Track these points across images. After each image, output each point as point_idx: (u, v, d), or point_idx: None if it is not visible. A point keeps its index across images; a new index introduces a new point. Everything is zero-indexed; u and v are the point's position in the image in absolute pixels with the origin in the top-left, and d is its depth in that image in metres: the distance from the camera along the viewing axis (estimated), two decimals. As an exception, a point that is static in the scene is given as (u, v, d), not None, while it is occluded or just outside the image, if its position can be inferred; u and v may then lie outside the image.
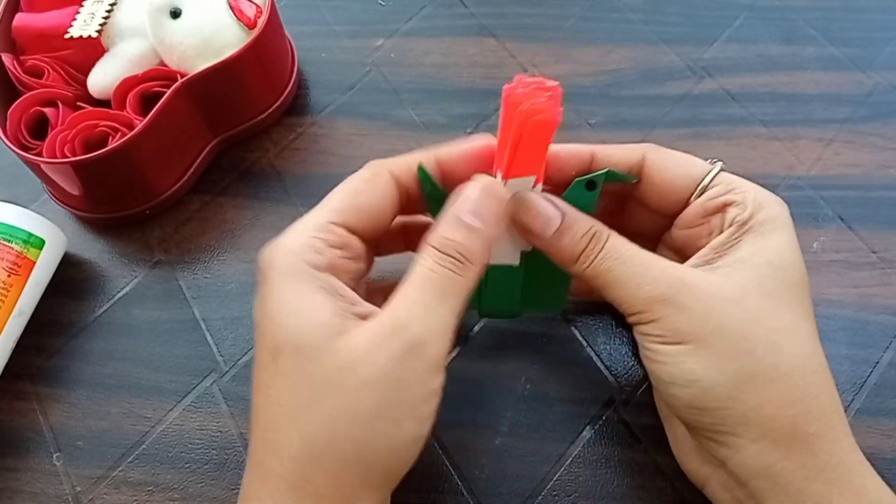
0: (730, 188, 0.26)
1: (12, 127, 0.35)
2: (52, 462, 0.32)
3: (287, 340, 0.23)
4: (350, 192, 0.26)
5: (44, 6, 0.39)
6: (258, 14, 0.37)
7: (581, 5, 0.45)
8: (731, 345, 0.23)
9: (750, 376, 0.23)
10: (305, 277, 0.24)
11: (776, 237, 0.25)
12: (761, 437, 0.23)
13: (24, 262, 0.34)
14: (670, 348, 0.24)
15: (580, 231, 0.26)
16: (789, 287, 0.24)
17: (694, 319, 0.23)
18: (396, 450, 0.23)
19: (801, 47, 0.42)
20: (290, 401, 0.23)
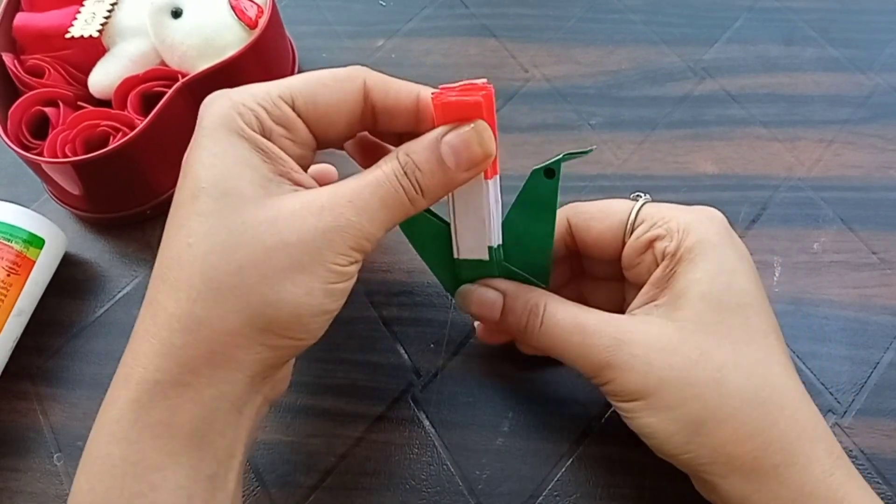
0: (654, 222, 0.27)
1: (13, 126, 0.35)
2: (52, 462, 0.32)
3: (213, 184, 0.22)
4: (313, 80, 0.25)
5: (45, 6, 0.39)
6: (259, 14, 0.37)
7: (582, 6, 0.45)
8: (677, 394, 0.24)
9: (700, 422, 0.23)
10: (242, 134, 0.23)
11: (704, 264, 0.25)
12: (729, 472, 0.23)
13: (24, 261, 0.34)
14: (628, 405, 0.25)
15: (520, 309, 0.27)
16: (728, 314, 0.25)
17: (638, 377, 0.24)
18: (301, 316, 0.22)
19: (802, 48, 0.42)
20: (201, 241, 0.22)
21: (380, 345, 0.34)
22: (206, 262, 0.22)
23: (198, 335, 0.22)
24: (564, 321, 0.26)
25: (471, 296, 0.29)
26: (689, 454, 0.24)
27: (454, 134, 0.24)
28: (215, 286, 0.22)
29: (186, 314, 0.22)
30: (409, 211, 0.24)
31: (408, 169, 0.24)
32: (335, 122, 0.25)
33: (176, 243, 0.23)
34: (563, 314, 0.26)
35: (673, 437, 0.24)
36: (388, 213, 0.24)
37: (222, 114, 0.23)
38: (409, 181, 0.24)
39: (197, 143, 0.24)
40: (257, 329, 0.22)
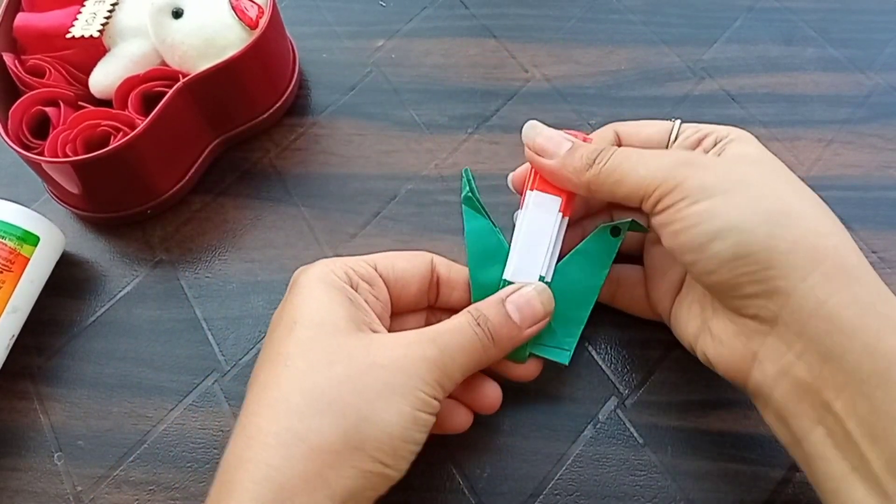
0: (697, 128, 0.29)
1: (14, 126, 0.36)
2: (53, 462, 0.32)
3: (308, 317, 0.24)
4: (392, 254, 0.29)
5: (45, 6, 0.39)
6: (260, 14, 0.38)
7: (581, 6, 0.45)
8: (758, 190, 0.24)
9: (784, 213, 0.23)
10: (335, 285, 0.25)
11: (753, 147, 0.27)
12: (810, 271, 0.22)
13: (18, 258, 0.34)
14: (700, 206, 0.24)
15: (590, 147, 0.28)
16: (782, 167, 0.26)
17: (719, 173, 0.24)
18: (390, 437, 0.23)
19: (801, 48, 0.42)
20: (298, 360, 0.23)
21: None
22: (304, 378, 0.23)
23: (295, 451, 0.22)
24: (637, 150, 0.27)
25: (543, 128, 0.29)
26: (772, 249, 0.23)
27: (517, 294, 0.27)
28: (314, 399, 0.22)
29: (284, 430, 0.22)
30: (483, 360, 0.26)
31: (480, 320, 0.26)
32: (409, 284, 0.29)
33: (272, 367, 0.24)
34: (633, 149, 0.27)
35: (757, 227, 0.23)
36: (465, 357, 0.26)
37: (317, 271, 0.26)
38: (482, 330, 0.26)
39: (291, 294, 0.26)
40: (351, 446, 0.22)
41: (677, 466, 0.30)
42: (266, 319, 0.35)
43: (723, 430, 0.31)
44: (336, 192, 0.39)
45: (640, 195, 0.26)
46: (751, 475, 0.30)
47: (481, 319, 0.26)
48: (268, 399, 0.23)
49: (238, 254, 0.37)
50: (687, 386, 0.32)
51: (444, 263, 0.30)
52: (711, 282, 0.25)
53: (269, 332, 0.26)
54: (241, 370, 0.34)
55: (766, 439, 0.30)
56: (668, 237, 0.25)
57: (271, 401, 0.23)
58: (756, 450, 0.30)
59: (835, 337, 0.22)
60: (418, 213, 0.38)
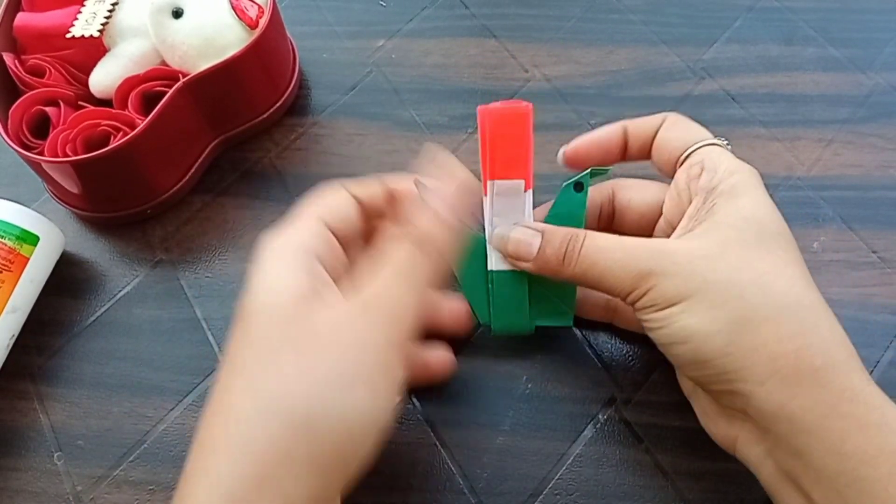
0: (707, 157, 0.28)
1: (14, 126, 0.36)
2: (52, 461, 0.32)
3: (258, 304, 0.23)
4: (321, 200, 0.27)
5: (45, 6, 0.39)
6: (260, 14, 0.38)
7: (581, 6, 0.45)
8: (719, 294, 0.24)
9: (744, 319, 0.23)
10: (290, 257, 0.24)
11: (747, 197, 0.26)
12: (767, 377, 0.23)
13: (17, 258, 0.34)
14: (665, 312, 0.25)
15: (558, 240, 0.27)
16: (769, 237, 0.25)
17: (679, 282, 0.24)
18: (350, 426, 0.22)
19: (801, 48, 0.42)
20: (250, 366, 0.22)
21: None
22: (253, 382, 0.22)
23: (246, 458, 0.21)
24: (605, 243, 0.26)
25: (509, 236, 0.29)
26: (728, 356, 0.23)
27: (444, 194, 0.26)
28: (263, 404, 0.22)
29: (235, 435, 0.22)
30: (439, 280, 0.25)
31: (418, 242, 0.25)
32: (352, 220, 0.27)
33: (230, 369, 0.23)
34: (603, 239, 0.27)
35: (713, 336, 0.23)
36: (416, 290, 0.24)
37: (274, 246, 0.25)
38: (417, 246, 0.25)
39: (252, 271, 0.25)
40: (305, 447, 0.21)
41: (677, 466, 0.30)
42: (266, 319, 0.35)
43: (723, 430, 0.31)
44: (336, 191, 0.39)
45: (617, 294, 0.26)
46: (750, 475, 0.29)
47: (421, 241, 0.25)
48: (221, 406, 0.23)
49: (238, 253, 0.37)
50: (687, 386, 0.32)
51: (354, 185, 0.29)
52: (684, 373, 0.27)
53: (234, 322, 0.24)
54: (241, 370, 0.34)
55: (766, 439, 0.30)
56: (645, 328, 0.26)
57: (224, 407, 0.22)
58: (756, 450, 0.30)
59: (800, 437, 0.23)
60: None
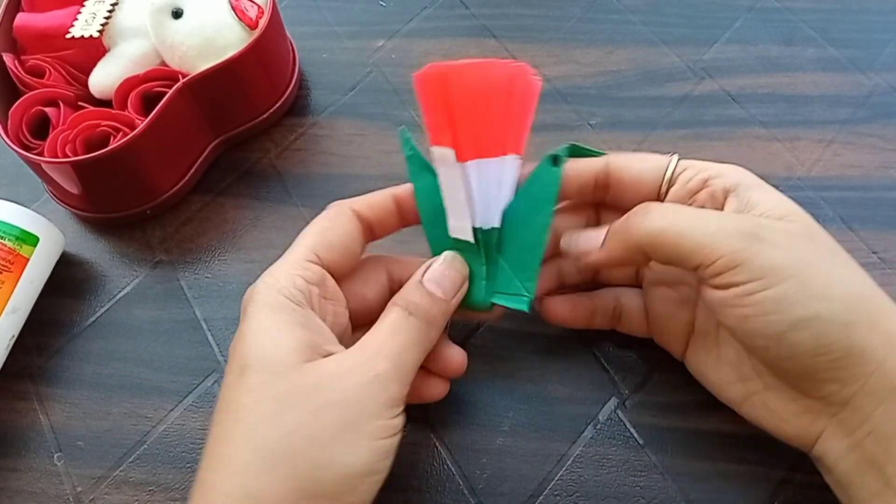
0: (698, 168, 0.27)
1: (14, 126, 0.35)
2: (52, 462, 0.32)
3: (256, 359, 0.24)
4: (318, 231, 0.28)
5: (45, 6, 0.39)
6: (260, 14, 0.38)
7: (581, 6, 0.45)
8: (830, 271, 0.23)
9: (857, 295, 0.23)
10: (283, 309, 0.25)
11: (773, 194, 0.26)
12: (887, 356, 0.22)
13: (17, 258, 0.34)
14: (776, 292, 0.22)
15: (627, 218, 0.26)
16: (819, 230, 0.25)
17: (787, 253, 0.23)
18: (350, 479, 0.23)
19: (801, 49, 0.42)
20: (249, 415, 0.23)
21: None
22: (254, 432, 0.22)
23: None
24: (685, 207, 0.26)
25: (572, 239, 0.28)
26: (849, 338, 0.22)
27: (431, 271, 0.27)
28: (264, 455, 0.22)
29: (238, 488, 0.22)
30: (427, 344, 0.27)
31: (410, 308, 0.26)
32: (350, 250, 0.28)
33: (225, 419, 0.23)
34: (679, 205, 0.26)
35: (836, 315, 0.22)
36: (412, 351, 0.26)
37: (263, 297, 0.25)
38: (415, 317, 0.26)
39: (241, 328, 0.25)
40: (308, 496, 0.22)
41: (677, 467, 0.30)
42: (266, 320, 0.35)
43: (723, 430, 0.31)
44: (336, 192, 0.38)
45: (698, 262, 0.24)
46: (751, 475, 0.30)
47: (411, 307, 0.26)
48: (221, 455, 0.23)
49: (238, 254, 0.37)
50: (687, 386, 0.32)
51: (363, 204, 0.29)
52: (784, 367, 0.24)
53: (226, 371, 0.25)
54: (240, 370, 0.34)
55: (766, 440, 0.30)
56: (734, 319, 0.24)
57: (224, 457, 0.23)
58: (756, 450, 0.30)
59: None
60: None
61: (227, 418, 0.23)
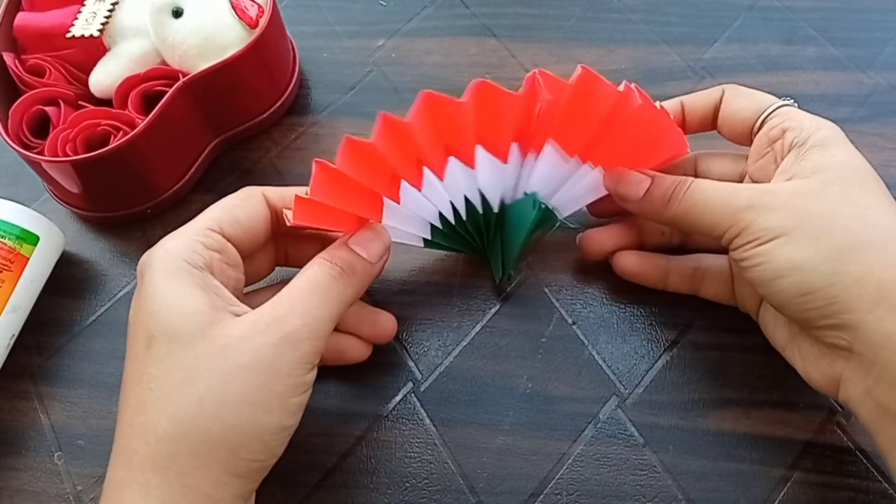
0: (786, 117, 0.28)
1: (14, 126, 0.35)
2: (52, 461, 0.32)
3: (161, 329, 0.24)
4: (227, 206, 0.28)
5: (45, 5, 0.39)
6: (260, 14, 0.38)
7: (582, 5, 0.45)
8: (823, 224, 0.24)
9: (849, 248, 0.24)
10: (182, 273, 0.25)
11: (841, 147, 0.27)
12: (875, 304, 0.23)
13: (17, 257, 0.34)
14: (765, 247, 0.25)
15: (668, 183, 0.28)
16: (867, 179, 0.26)
17: (781, 215, 0.25)
18: (262, 436, 0.24)
19: (802, 47, 0.42)
20: (161, 385, 0.24)
21: (380, 344, 0.34)
22: (168, 400, 0.23)
23: (170, 472, 0.23)
24: (710, 185, 0.27)
25: (623, 174, 0.30)
26: (835, 285, 0.24)
27: (357, 235, 0.28)
28: (179, 422, 0.23)
29: (158, 454, 0.23)
30: (348, 299, 0.27)
31: (336, 260, 0.27)
32: (256, 231, 0.29)
33: (139, 391, 0.24)
34: (708, 182, 0.28)
35: (820, 265, 0.24)
36: (328, 308, 0.26)
37: (160, 261, 0.25)
38: (339, 269, 0.26)
39: (140, 294, 0.25)
40: (222, 458, 0.23)
41: (677, 466, 0.30)
42: (266, 319, 0.35)
43: (723, 429, 0.31)
44: (336, 191, 0.39)
45: (715, 234, 0.27)
46: (751, 475, 0.30)
47: (336, 258, 0.27)
48: (138, 424, 0.24)
49: (238, 253, 0.37)
50: (687, 386, 0.32)
51: (275, 193, 0.30)
52: (785, 313, 0.26)
53: (129, 341, 0.25)
54: (241, 370, 0.34)
55: (766, 439, 0.30)
56: (742, 271, 0.27)
57: (141, 426, 0.24)
58: (756, 449, 0.30)
59: None
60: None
61: (139, 389, 0.24)
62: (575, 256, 0.35)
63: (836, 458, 0.30)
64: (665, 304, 0.33)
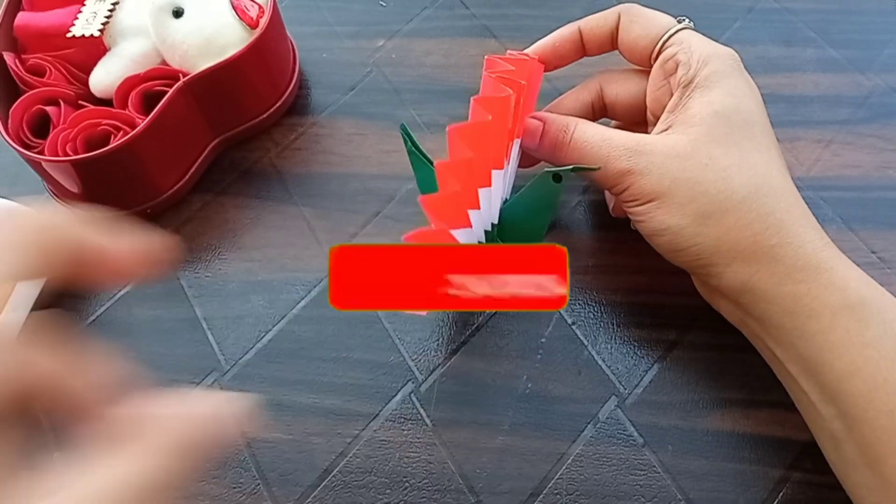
0: (679, 48, 0.30)
1: (14, 125, 0.35)
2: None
3: None
4: None
5: (46, 5, 0.39)
6: (260, 14, 0.38)
7: (581, 6, 0.45)
8: (687, 192, 0.27)
9: (708, 213, 0.27)
10: None
11: (719, 89, 0.29)
12: (731, 260, 0.27)
13: (20, 258, 0.34)
14: (643, 207, 0.28)
15: (554, 129, 0.30)
16: (736, 129, 0.28)
17: (654, 180, 0.28)
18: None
19: (801, 49, 0.42)
20: None
21: (380, 344, 0.34)
22: None
23: None
24: (592, 136, 0.29)
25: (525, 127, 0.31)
26: (697, 245, 0.27)
27: None
28: None
29: None
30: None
31: None
32: None
33: None
34: (591, 131, 0.29)
35: (684, 229, 0.27)
36: None
37: None
38: None
39: None
40: None
41: (677, 466, 0.30)
42: (266, 319, 0.35)
43: (723, 430, 0.31)
44: (336, 191, 0.39)
45: (604, 187, 0.30)
46: (750, 475, 0.30)
47: None
48: None
49: (238, 253, 0.37)
50: (687, 386, 0.32)
51: None
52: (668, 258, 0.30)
53: None
54: (240, 370, 0.34)
55: (765, 439, 0.30)
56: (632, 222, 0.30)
57: None
58: (756, 450, 0.30)
59: (761, 305, 0.27)
60: (419, 213, 0.37)
61: None
62: (574, 257, 0.35)
63: (835, 459, 0.30)
64: (665, 304, 0.34)
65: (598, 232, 0.36)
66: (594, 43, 0.33)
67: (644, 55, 0.32)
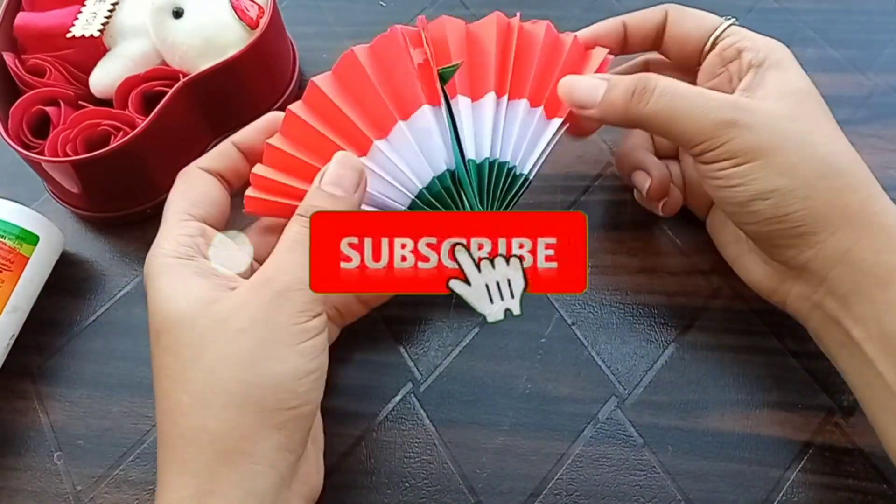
0: (740, 37, 0.30)
1: (14, 125, 0.36)
2: (52, 461, 0.32)
3: (165, 322, 0.25)
4: (179, 195, 0.29)
5: (46, 5, 0.39)
6: (260, 14, 0.38)
7: (581, 6, 0.45)
8: (798, 151, 0.26)
9: (820, 174, 0.26)
10: (178, 268, 0.26)
11: (794, 70, 0.29)
12: (839, 226, 0.26)
13: (17, 257, 0.34)
14: (743, 168, 0.26)
15: (628, 80, 0.28)
16: (820, 106, 0.28)
17: (762, 136, 0.26)
18: (285, 383, 0.24)
19: (801, 49, 0.42)
20: (173, 367, 0.24)
21: (380, 344, 0.34)
22: (183, 378, 0.24)
23: (202, 442, 0.24)
24: (683, 87, 0.27)
25: (574, 82, 0.30)
26: (807, 209, 0.26)
27: (327, 175, 0.27)
28: (198, 394, 0.24)
29: (186, 428, 0.24)
30: None
31: (307, 212, 0.26)
32: (217, 202, 0.29)
33: (159, 383, 0.25)
34: (679, 83, 0.28)
35: (794, 191, 0.26)
36: None
37: (153, 267, 0.26)
38: None
39: (148, 300, 0.26)
40: (252, 413, 0.24)
41: (676, 467, 0.30)
42: (266, 319, 0.35)
43: (723, 430, 0.31)
44: (336, 191, 0.39)
45: (686, 144, 0.28)
46: (750, 475, 0.30)
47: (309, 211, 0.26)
48: (165, 411, 0.25)
49: (238, 253, 0.37)
50: (687, 386, 0.32)
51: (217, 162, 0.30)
52: (749, 231, 0.28)
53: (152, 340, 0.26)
54: (241, 370, 0.34)
55: (765, 439, 0.30)
56: (711, 188, 0.28)
57: (167, 412, 0.25)
58: (755, 450, 0.30)
59: (854, 277, 0.26)
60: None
61: (159, 382, 0.25)
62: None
63: (835, 459, 0.30)
64: (665, 304, 0.34)
65: (599, 232, 0.36)
66: (638, 38, 0.33)
67: (696, 47, 0.31)
